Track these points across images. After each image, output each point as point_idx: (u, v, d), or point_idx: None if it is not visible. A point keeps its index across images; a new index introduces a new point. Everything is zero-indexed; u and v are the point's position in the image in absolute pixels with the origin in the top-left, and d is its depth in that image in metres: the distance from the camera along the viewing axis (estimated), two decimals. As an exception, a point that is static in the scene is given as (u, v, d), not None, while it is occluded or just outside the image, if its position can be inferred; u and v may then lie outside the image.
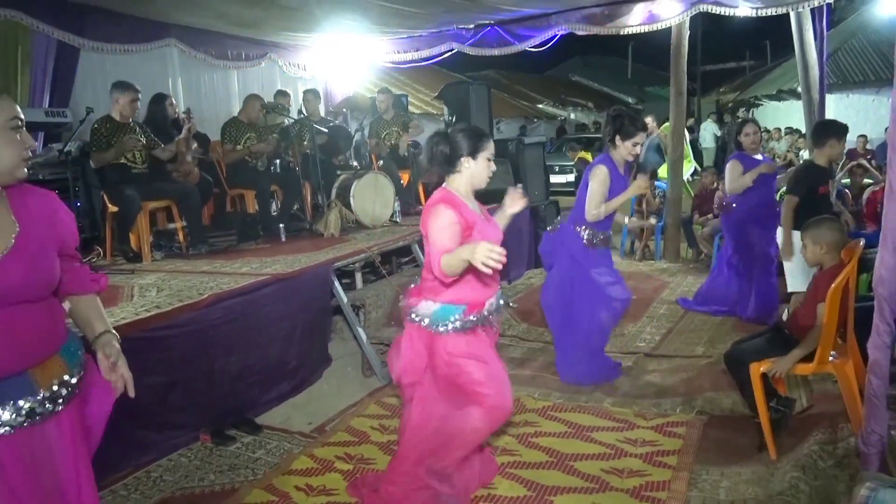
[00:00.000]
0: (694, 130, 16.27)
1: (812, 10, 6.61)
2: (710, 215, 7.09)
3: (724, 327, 5.00)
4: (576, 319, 4.03)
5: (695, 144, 15.87)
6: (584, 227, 3.94)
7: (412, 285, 2.74)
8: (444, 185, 2.62)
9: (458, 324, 2.53)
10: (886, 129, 10.59)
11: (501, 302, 2.73)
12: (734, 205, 5.04)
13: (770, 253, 4.89)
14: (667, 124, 4.02)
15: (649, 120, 8.58)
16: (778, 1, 6.20)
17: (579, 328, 4.03)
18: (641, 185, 3.86)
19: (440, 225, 2.43)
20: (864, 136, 10.67)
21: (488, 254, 2.11)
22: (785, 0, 6.17)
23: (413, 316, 2.60)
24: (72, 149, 4.36)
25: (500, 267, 2.17)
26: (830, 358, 2.87)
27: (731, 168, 4.97)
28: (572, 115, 20.36)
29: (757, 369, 2.95)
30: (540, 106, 19.19)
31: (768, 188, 4.98)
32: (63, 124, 4.60)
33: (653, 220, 7.48)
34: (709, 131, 15.47)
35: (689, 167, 10.39)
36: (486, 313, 2.60)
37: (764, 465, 2.94)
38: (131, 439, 3.19)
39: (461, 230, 2.44)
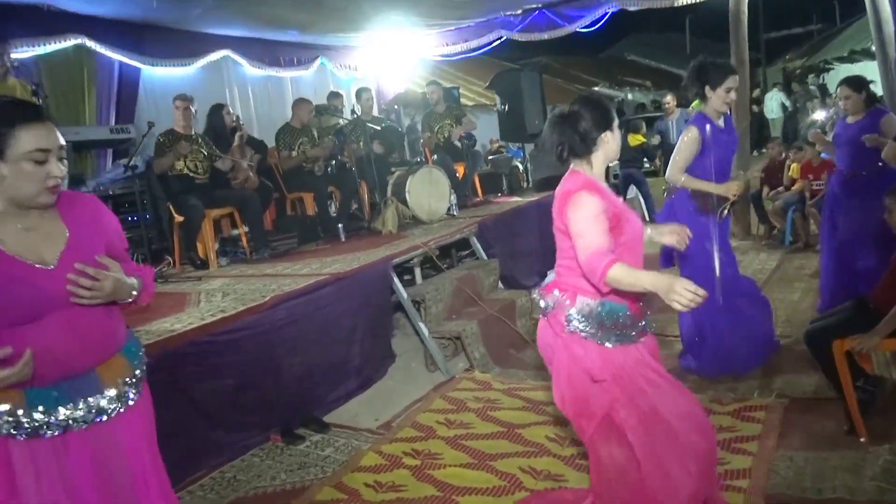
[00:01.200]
0: (760, 101, 15.56)
1: (883, -38, 6.19)
2: (780, 188, 6.75)
3: (803, 304, 4.74)
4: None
5: (760, 116, 15.19)
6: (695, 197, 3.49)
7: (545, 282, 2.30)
8: (572, 168, 2.19)
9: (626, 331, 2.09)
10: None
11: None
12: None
13: None
14: (696, 103, 3.48)
15: (669, 98, 8.26)
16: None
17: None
18: (732, 188, 3.36)
19: (586, 216, 2.01)
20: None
21: (688, 296, 1.79)
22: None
23: (571, 322, 2.08)
24: (137, 163, 4.52)
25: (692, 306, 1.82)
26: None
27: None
28: (629, 96, 19.81)
29: (840, 347, 2.77)
30: (596, 88, 18.74)
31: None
32: (127, 140, 4.78)
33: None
34: (775, 101, 14.75)
35: None
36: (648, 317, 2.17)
37: (853, 450, 2.75)
38: (205, 441, 3.28)
39: (609, 219, 2.04)
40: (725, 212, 3.52)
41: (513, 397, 3.78)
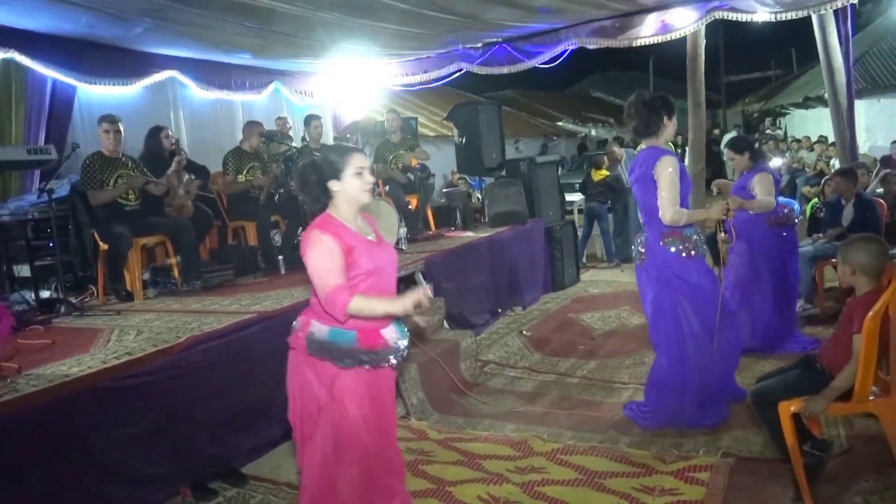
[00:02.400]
0: (719, 142, 15.83)
1: (836, 13, 6.30)
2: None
3: (753, 357, 4.61)
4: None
5: (719, 156, 15.43)
6: (673, 237, 3.43)
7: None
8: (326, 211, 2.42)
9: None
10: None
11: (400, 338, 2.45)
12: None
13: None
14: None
15: (615, 149, 8.50)
16: (798, 4, 5.89)
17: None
18: (723, 208, 3.41)
19: (317, 252, 2.26)
20: (898, 141, 10.15)
21: (424, 304, 2.18)
22: (805, 2, 5.86)
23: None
24: (54, 187, 4.21)
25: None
26: (871, 396, 2.52)
27: (764, 179, 4.40)
28: (593, 132, 20.04)
29: (787, 409, 2.61)
30: (560, 123, 18.93)
31: None
32: (48, 161, 4.47)
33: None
34: (734, 141, 15.04)
35: None
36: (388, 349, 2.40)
37: (799, 520, 2.58)
38: (105, 496, 2.95)
39: (342, 253, 2.27)
40: (723, 234, 3.46)
41: (448, 449, 3.53)
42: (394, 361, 2.42)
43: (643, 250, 3.55)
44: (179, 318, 3.86)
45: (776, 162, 9.50)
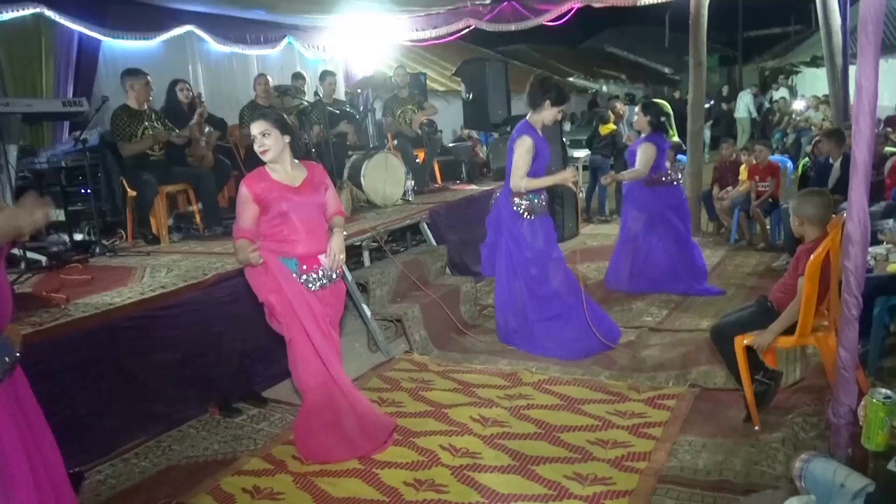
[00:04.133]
0: (729, 100, 15.83)
1: (836, -26, 6.40)
2: (729, 188, 6.98)
3: (734, 302, 4.96)
4: (510, 288, 4.33)
5: (728, 114, 15.47)
6: (520, 198, 4.14)
7: None
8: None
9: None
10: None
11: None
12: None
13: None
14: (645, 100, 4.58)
15: (618, 105, 8.69)
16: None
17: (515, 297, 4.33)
18: (567, 175, 4.14)
19: (237, 200, 2.95)
20: (903, 101, 10.25)
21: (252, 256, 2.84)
22: (807, -37, 5.97)
23: None
24: (88, 137, 4.55)
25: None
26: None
27: (648, 149, 5.16)
28: (605, 88, 19.98)
29: (741, 342, 2.97)
30: (571, 79, 18.88)
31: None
32: (81, 113, 4.79)
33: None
34: (743, 101, 15.06)
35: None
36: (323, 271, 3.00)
37: (747, 437, 2.96)
38: (142, 412, 3.39)
39: (254, 202, 2.88)
40: (580, 193, 4.27)
41: (446, 379, 3.94)
42: (328, 284, 3.02)
43: (493, 201, 4.31)
44: (204, 258, 4.24)
45: (798, 104, 9.69)
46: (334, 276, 3.07)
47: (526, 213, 4.17)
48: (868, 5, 2.18)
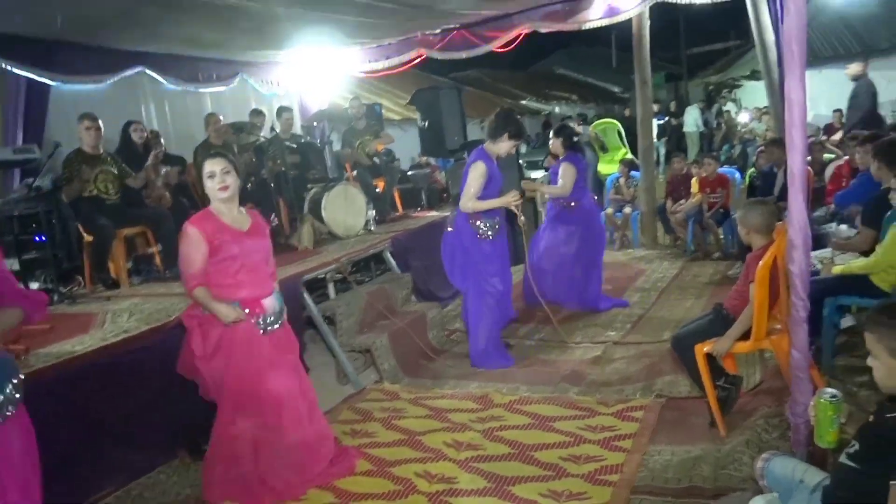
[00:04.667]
0: (678, 115, 16.34)
1: (766, -7, 6.70)
2: (682, 201, 7.19)
3: (694, 311, 5.10)
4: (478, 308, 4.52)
5: (678, 128, 15.96)
6: (480, 220, 4.35)
7: None
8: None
9: None
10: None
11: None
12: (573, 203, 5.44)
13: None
14: (599, 121, 4.80)
15: (575, 125, 8.99)
16: (732, -15, 6.30)
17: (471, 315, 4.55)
18: (509, 199, 4.30)
19: (182, 242, 2.88)
20: (839, 109, 10.70)
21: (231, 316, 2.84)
22: (739, -17, 6.26)
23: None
24: (41, 183, 4.48)
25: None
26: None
27: (568, 170, 5.31)
28: (557, 109, 20.41)
29: (700, 350, 3.07)
30: (524, 102, 19.26)
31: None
32: (33, 160, 4.73)
33: (628, 209, 7.62)
34: (692, 116, 15.57)
35: (619, 156, 10.65)
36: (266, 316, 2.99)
37: (713, 443, 3.05)
38: (112, 460, 3.31)
39: (206, 245, 2.82)
40: (521, 217, 4.46)
41: (417, 406, 3.95)
42: (275, 328, 3.01)
43: (450, 219, 4.57)
44: (166, 300, 4.19)
45: (743, 116, 10.09)
46: (280, 319, 3.07)
47: (488, 234, 4.39)
48: (791, 25, 2.33)
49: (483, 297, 4.48)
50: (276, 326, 3.04)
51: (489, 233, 4.40)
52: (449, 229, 4.54)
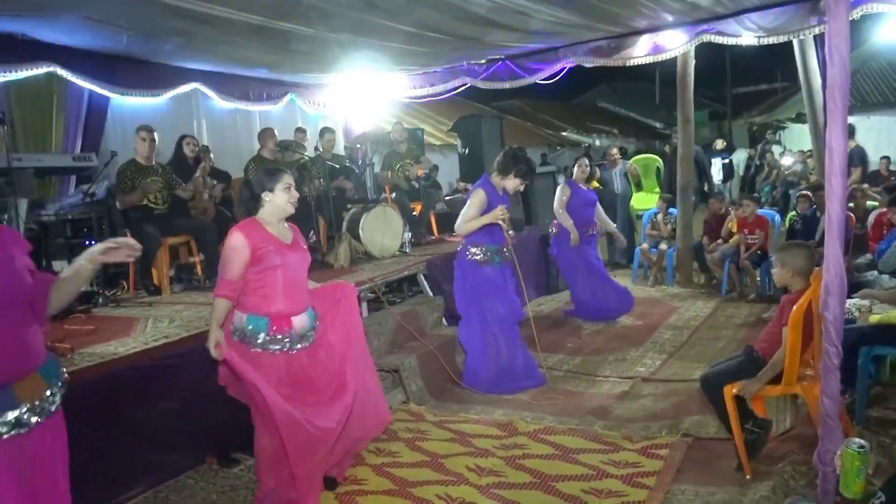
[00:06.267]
0: (725, 155, 16.18)
1: (815, 38, 6.70)
2: (719, 240, 7.14)
3: (726, 352, 5.04)
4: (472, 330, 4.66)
5: (731, 167, 15.77)
6: (475, 246, 4.52)
7: None
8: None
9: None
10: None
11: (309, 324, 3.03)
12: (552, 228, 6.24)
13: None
14: (639, 156, 5.26)
15: (615, 151, 8.99)
16: (779, 29, 6.29)
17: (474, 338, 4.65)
18: (497, 213, 4.37)
19: (226, 246, 2.89)
20: (886, 157, 10.54)
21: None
22: (786, 28, 6.25)
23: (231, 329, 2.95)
24: (96, 190, 4.70)
25: None
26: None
27: (561, 192, 6.07)
28: (597, 142, 20.45)
29: (730, 391, 3.05)
30: (564, 133, 19.37)
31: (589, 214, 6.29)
32: (90, 168, 4.97)
33: (664, 246, 7.58)
34: (739, 158, 15.53)
35: (652, 197, 10.54)
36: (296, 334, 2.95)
37: (738, 486, 3.01)
38: (142, 461, 3.41)
39: (250, 253, 2.85)
40: (510, 233, 4.65)
41: (442, 429, 3.98)
42: (300, 347, 2.96)
43: (458, 250, 4.76)
44: (206, 309, 4.31)
45: (787, 160, 9.98)
46: (309, 339, 3.02)
47: (482, 261, 4.53)
48: (835, 74, 2.35)
49: (485, 324, 4.57)
50: (305, 345, 2.99)
51: (487, 258, 4.52)
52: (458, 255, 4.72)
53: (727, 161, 14.00)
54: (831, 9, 2.37)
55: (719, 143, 12.48)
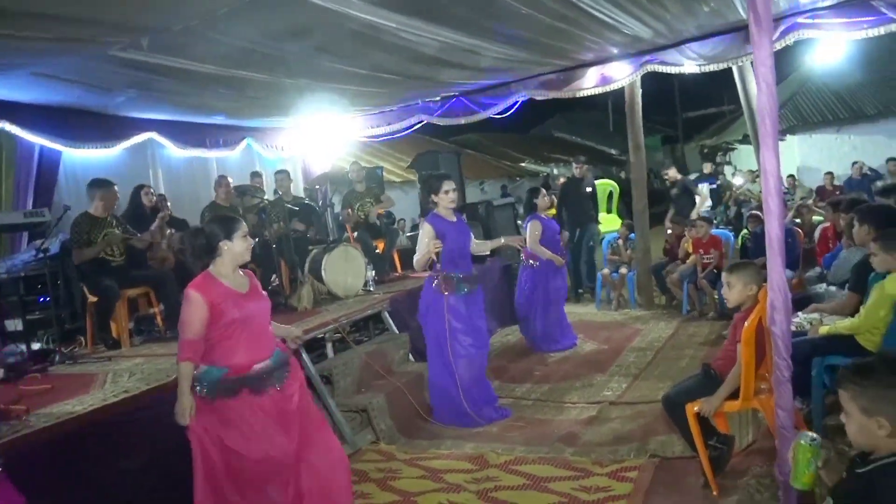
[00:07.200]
0: (712, 180, 16.35)
1: (752, 64, 7.00)
2: (677, 261, 7.31)
3: (689, 371, 5.13)
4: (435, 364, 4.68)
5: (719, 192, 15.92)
6: (437, 275, 4.57)
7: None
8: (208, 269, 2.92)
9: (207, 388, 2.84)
10: (853, 164, 10.90)
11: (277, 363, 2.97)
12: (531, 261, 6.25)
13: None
14: (597, 181, 5.55)
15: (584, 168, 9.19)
16: (718, 57, 6.58)
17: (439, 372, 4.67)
18: (430, 247, 4.45)
19: (184, 307, 2.82)
20: (830, 173, 11.00)
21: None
22: (725, 56, 6.54)
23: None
24: (50, 246, 4.62)
25: None
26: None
27: (533, 227, 6.21)
28: (555, 171, 20.85)
29: (691, 410, 3.11)
30: (523, 164, 19.72)
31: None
32: (43, 223, 4.88)
33: (624, 270, 7.73)
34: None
35: (614, 219, 10.71)
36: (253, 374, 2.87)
37: (707, 502, 3.06)
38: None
39: (208, 310, 2.78)
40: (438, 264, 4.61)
41: (413, 466, 3.96)
42: (269, 386, 2.89)
43: (425, 281, 4.80)
44: (167, 360, 4.24)
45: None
46: (281, 377, 2.97)
47: (447, 290, 4.55)
48: (763, 100, 2.49)
49: (452, 356, 4.55)
50: (275, 385, 2.92)
51: (452, 287, 4.56)
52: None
53: (714, 186, 13.60)
54: (755, 39, 2.51)
55: (671, 172, 12.04)
